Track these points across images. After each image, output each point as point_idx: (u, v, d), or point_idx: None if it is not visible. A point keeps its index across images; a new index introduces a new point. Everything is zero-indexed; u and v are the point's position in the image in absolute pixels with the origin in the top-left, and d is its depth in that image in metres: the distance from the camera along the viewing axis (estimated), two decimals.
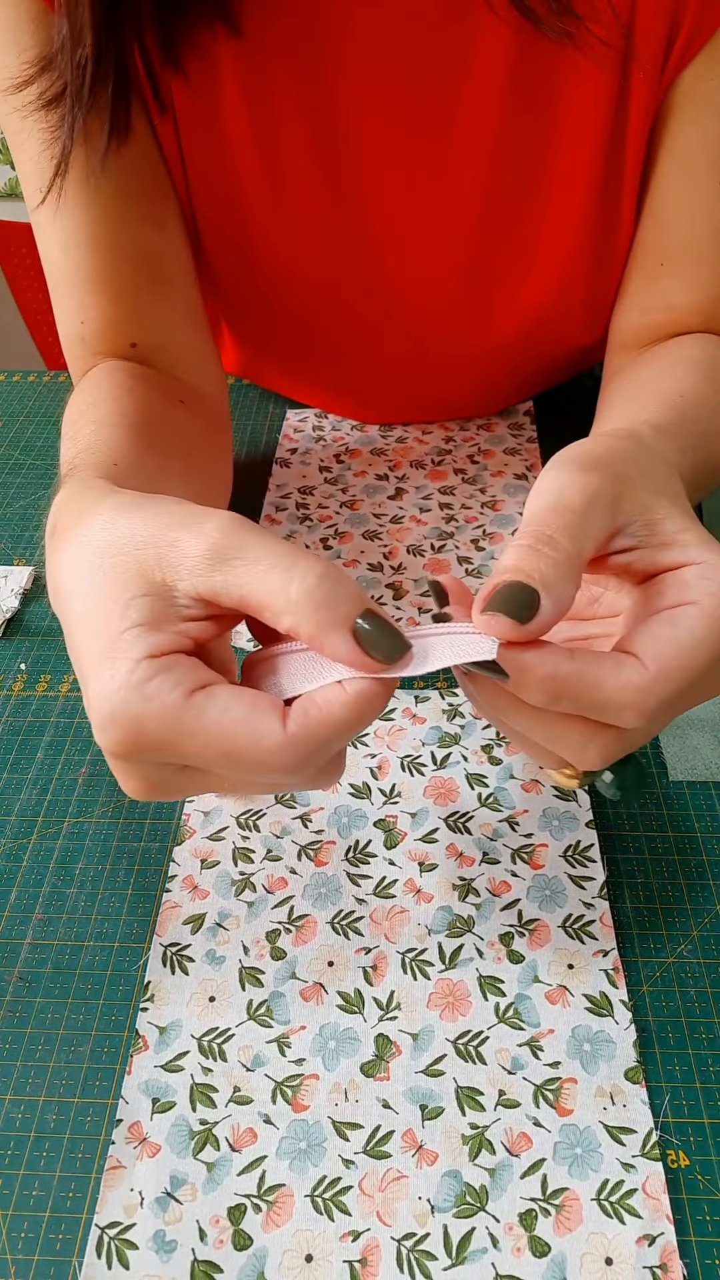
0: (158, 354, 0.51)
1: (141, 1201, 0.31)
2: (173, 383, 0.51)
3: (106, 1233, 0.31)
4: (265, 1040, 0.35)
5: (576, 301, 0.54)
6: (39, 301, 1.15)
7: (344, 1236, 0.31)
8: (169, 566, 0.27)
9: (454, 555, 0.55)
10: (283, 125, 0.47)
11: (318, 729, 0.26)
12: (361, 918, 0.38)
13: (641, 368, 0.50)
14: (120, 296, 0.49)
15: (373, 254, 0.51)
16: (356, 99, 0.46)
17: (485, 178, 0.48)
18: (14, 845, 0.42)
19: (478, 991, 0.36)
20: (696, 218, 0.48)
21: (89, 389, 0.47)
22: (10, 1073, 0.35)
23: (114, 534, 0.28)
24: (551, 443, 0.64)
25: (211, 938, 0.38)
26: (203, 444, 0.51)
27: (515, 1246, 0.30)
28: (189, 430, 0.49)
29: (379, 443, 0.64)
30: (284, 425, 0.66)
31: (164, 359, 0.51)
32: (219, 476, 0.52)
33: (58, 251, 0.48)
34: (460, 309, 0.54)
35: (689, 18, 0.43)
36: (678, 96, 0.45)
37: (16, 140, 0.45)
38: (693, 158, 0.47)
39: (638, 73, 0.44)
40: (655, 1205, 0.31)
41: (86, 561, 0.28)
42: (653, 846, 0.40)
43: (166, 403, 0.48)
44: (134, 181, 0.47)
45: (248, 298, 0.56)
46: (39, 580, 0.55)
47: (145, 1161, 0.32)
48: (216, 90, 0.45)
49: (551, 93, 0.45)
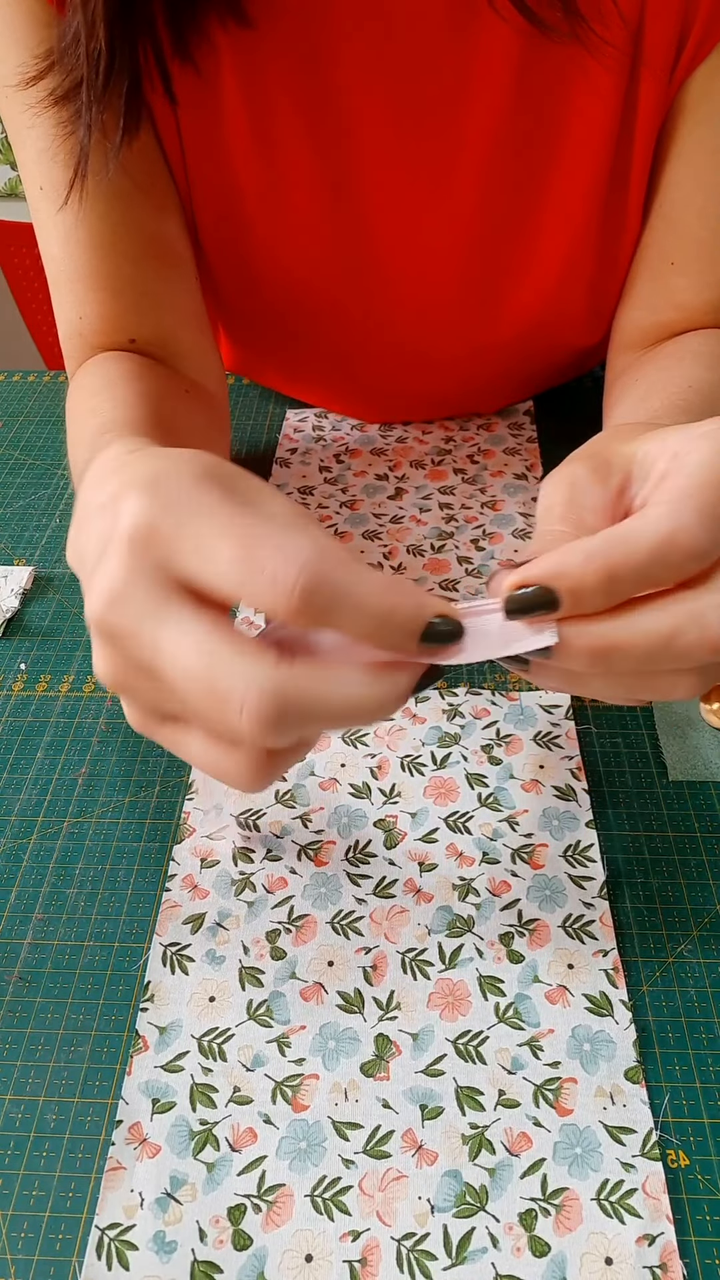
0: (156, 350, 0.51)
1: (141, 1202, 0.31)
2: (173, 373, 0.51)
3: (106, 1234, 0.31)
4: (265, 1040, 0.35)
5: (578, 303, 0.54)
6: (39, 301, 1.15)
7: (344, 1236, 0.31)
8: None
9: (454, 555, 0.55)
10: (284, 123, 0.46)
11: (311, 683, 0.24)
12: (361, 918, 0.38)
13: (648, 364, 0.50)
14: (120, 292, 0.49)
15: (373, 254, 0.51)
16: (358, 99, 0.46)
17: (487, 179, 0.48)
18: (14, 845, 0.42)
19: (478, 991, 0.36)
20: (707, 217, 0.48)
21: (96, 374, 0.46)
22: (10, 1073, 0.35)
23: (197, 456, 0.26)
24: (551, 443, 0.64)
25: (211, 937, 0.38)
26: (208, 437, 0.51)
27: (515, 1246, 0.30)
28: (197, 420, 0.49)
29: (379, 443, 0.64)
30: (284, 425, 0.66)
31: (164, 354, 0.51)
32: None
33: (58, 247, 0.48)
34: (461, 310, 0.54)
35: (700, 19, 0.42)
36: (689, 97, 0.45)
37: (18, 136, 0.45)
38: (704, 158, 0.46)
39: (646, 75, 0.44)
40: (655, 1205, 0.31)
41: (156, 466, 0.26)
42: (653, 846, 0.40)
43: (174, 391, 0.48)
44: (137, 176, 0.46)
45: (247, 297, 0.55)
46: (39, 580, 0.55)
47: (145, 1162, 0.32)
48: (218, 87, 0.45)
49: (556, 96, 0.45)
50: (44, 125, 0.42)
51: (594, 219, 0.49)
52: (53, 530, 0.58)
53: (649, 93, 0.45)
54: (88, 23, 0.37)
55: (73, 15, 0.37)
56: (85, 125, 0.40)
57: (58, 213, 0.46)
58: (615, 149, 0.47)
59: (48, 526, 0.59)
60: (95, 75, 0.38)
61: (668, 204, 0.48)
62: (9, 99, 0.42)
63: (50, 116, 0.41)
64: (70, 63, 0.39)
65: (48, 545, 0.57)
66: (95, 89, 0.39)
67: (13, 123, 0.45)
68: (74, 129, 0.41)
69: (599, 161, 0.47)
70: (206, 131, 0.47)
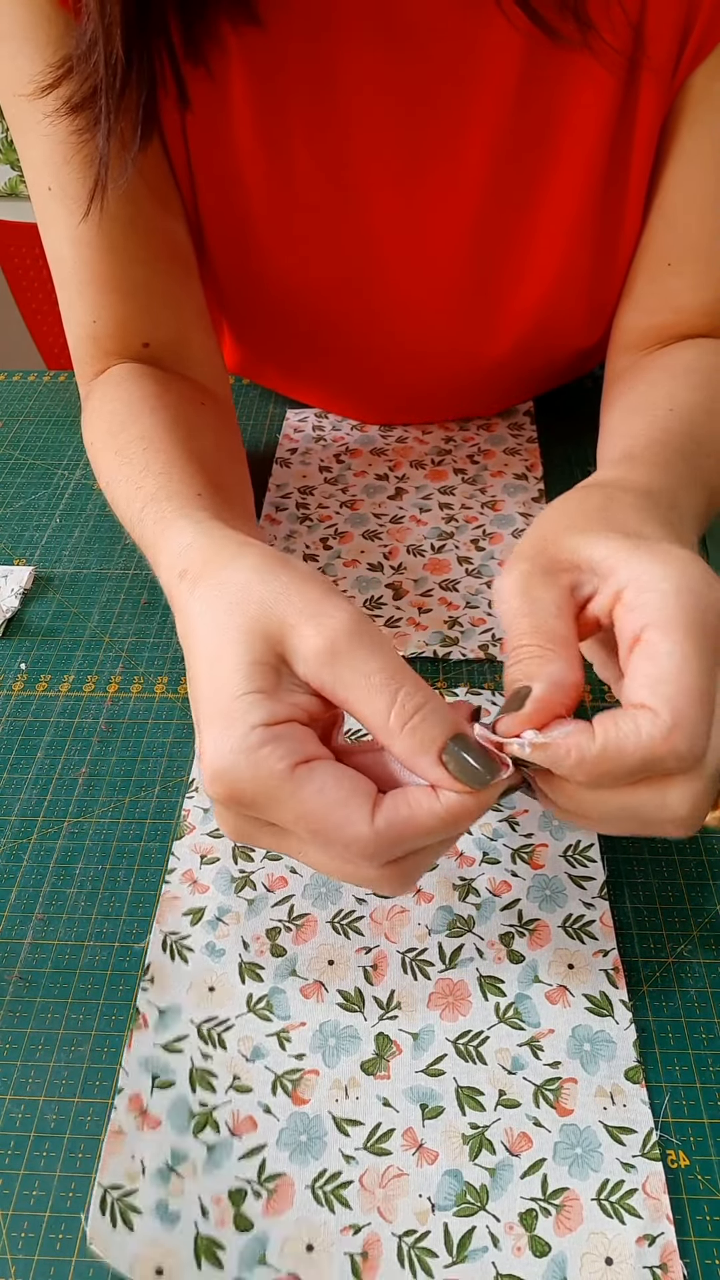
0: (168, 354, 0.51)
1: (143, 1170, 0.31)
2: (186, 384, 0.51)
3: (111, 1192, 0.31)
4: (265, 1034, 0.35)
5: (577, 302, 0.54)
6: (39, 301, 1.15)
7: (345, 1230, 0.31)
8: (290, 647, 0.28)
9: (454, 555, 0.55)
10: (290, 123, 0.46)
11: (402, 829, 0.27)
12: (361, 917, 0.38)
13: (641, 375, 0.50)
14: (133, 295, 0.49)
15: (376, 256, 0.51)
16: (364, 102, 0.46)
17: (489, 181, 0.48)
18: (14, 845, 0.42)
19: (478, 991, 0.36)
20: (706, 218, 0.48)
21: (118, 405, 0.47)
22: (10, 1072, 0.35)
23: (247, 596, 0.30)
24: (551, 443, 0.64)
25: (211, 930, 0.38)
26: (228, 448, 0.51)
27: (515, 1246, 0.30)
28: (217, 434, 0.49)
29: (379, 443, 0.64)
30: (284, 425, 0.66)
31: (174, 359, 0.51)
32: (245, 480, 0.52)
33: (68, 249, 0.47)
34: (461, 311, 0.54)
35: (701, 19, 0.42)
36: (689, 97, 0.45)
37: (25, 138, 0.45)
38: (704, 159, 0.46)
39: (647, 76, 0.44)
40: (655, 1205, 0.31)
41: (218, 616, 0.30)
42: (653, 846, 0.40)
43: (191, 408, 0.48)
44: (147, 181, 0.46)
45: (249, 298, 0.55)
46: (39, 580, 0.55)
47: (146, 1133, 0.32)
48: (227, 88, 0.45)
49: (558, 96, 0.45)
50: (58, 131, 0.41)
51: (592, 219, 0.49)
52: (53, 530, 0.58)
53: (649, 92, 0.45)
54: (104, 29, 0.37)
55: (88, 22, 0.37)
56: (104, 133, 0.40)
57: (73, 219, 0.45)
58: (613, 149, 0.47)
59: (48, 526, 0.59)
60: (113, 81, 0.38)
61: (667, 204, 0.49)
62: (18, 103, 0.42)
63: (66, 124, 0.40)
64: (86, 69, 0.39)
65: (48, 545, 0.57)
66: (113, 95, 0.39)
67: (20, 125, 0.45)
68: (91, 135, 0.40)
69: (597, 162, 0.47)
70: (214, 134, 0.47)
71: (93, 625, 0.52)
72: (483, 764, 0.28)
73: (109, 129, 0.40)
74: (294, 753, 0.27)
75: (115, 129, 0.40)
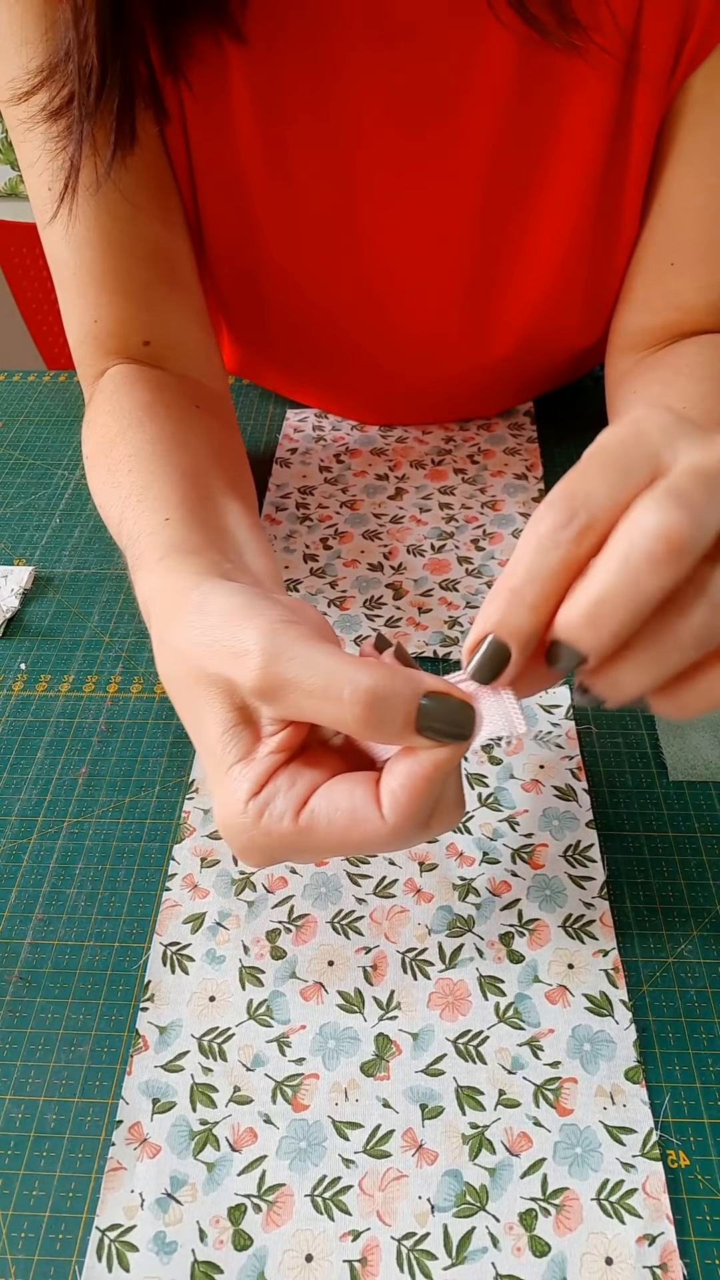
0: (169, 352, 0.51)
1: (142, 1203, 0.31)
2: (185, 384, 0.51)
3: (107, 1235, 0.31)
4: (265, 1040, 0.35)
5: (575, 304, 0.54)
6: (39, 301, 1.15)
7: (344, 1236, 0.31)
8: (245, 693, 0.29)
9: (454, 555, 0.55)
10: (289, 132, 0.47)
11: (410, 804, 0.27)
12: (361, 917, 0.38)
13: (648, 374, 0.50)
14: (133, 294, 0.49)
15: (375, 259, 0.51)
16: (362, 106, 0.46)
17: (487, 183, 0.48)
18: (14, 845, 0.42)
19: (478, 991, 0.36)
20: (708, 218, 0.48)
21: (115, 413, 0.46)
22: (10, 1073, 0.35)
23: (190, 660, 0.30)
24: (552, 443, 0.64)
25: (211, 937, 0.38)
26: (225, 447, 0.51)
27: (515, 1246, 0.30)
28: (213, 435, 0.49)
29: (379, 443, 0.64)
30: (284, 425, 0.66)
31: (174, 357, 0.51)
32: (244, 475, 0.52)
33: (68, 250, 0.48)
34: (460, 312, 0.54)
35: (699, 21, 0.42)
36: (688, 99, 0.45)
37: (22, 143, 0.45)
38: (705, 159, 0.46)
39: (643, 79, 0.44)
40: (655, 1205, 0.31)
41: (181, 682, 0.31)
42: (653, 846, 0.40)
43: (183, 415, 0.48)
44: (145, 182, 0.47)
45: (250, 300, 0.56)
46: (39, 580, 0.55)
47: (145, 1162, 0.32)
48: (225, 98, 0.45)
49: (553, 100, 0.45)
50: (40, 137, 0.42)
51: (589, 219, 0.49)
52: (53, 530, 0.58)
53: (645, 95, 0.45)
54: (79, 39, 0.37)
55: (65, 31, 0.38)
56: (76, 140, 0.40)
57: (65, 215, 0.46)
58: (610, 151, 0.47)
59: (48, 526, 0.59)
60: (86, 91, 0.39)
61: (668, 205, 0.49)
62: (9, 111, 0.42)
63: (45, 130, 0.41)
64: (62, 78, 0.39)
65: (48, 545, 0.57)
66: (87, 105, 0.39)
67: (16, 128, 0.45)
68: (66, 144, 0.41)
69: (594, 164, 0.47)
70: (214, 140, 0.47)
71: (93, 625, 0.52)
72: (456, 717, 0.27)
73: (80, 137, 0.40)
74: (292, 802, 0.28)
75: (88, 138, 0.40)
